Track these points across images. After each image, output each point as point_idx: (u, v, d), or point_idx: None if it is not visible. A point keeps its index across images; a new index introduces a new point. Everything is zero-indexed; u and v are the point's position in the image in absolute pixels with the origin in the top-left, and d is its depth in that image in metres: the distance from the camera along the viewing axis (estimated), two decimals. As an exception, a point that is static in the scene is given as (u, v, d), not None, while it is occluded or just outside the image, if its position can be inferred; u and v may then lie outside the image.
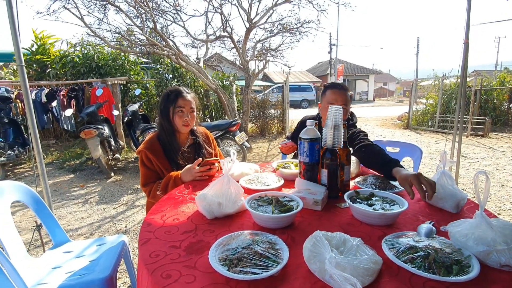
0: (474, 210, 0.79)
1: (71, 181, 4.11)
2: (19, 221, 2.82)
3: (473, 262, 0.67)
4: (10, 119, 4.65)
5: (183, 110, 1.53)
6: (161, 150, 1.53)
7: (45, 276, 1.23)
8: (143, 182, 1.51)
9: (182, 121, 1.53)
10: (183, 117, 1.53)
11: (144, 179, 1.51)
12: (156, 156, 1.50)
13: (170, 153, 1.53)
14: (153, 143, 1.53)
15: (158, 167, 1.50)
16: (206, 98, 7.17)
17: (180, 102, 1.53)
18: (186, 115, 1.54)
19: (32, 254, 2.19)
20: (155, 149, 1.51)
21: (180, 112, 1.53)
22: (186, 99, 1.55)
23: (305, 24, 6.81)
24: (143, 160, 1.51)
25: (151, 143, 1.53)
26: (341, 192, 1.14)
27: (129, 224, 2.70)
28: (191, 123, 1.57)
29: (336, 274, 0.61)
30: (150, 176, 1.50)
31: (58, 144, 6.40)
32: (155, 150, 1.51)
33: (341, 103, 1.55)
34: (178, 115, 1.53)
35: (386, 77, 38.96)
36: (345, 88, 1.62)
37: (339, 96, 1.58)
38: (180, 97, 1.54)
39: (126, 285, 1.84)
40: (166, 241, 0.84)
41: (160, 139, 1.55)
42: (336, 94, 1.58)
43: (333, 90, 1.61)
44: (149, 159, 1.50)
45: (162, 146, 1.54)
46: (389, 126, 9.16)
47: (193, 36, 6.80)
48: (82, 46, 6.83)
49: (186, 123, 1.54)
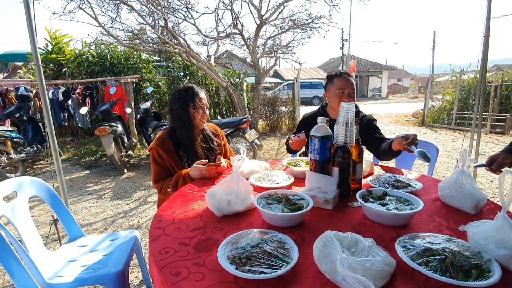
0: (495, 211, 0.75)
1: (86, 177, 4.23)
2: (37, 215, 2.93)
3: (494, 266, 0.64)
4: (29, 117, 4.82)
5: (202, 106, 1.59)
6: (172, 147, 1.55)
7: (61, 269, 1.27)
8: (155, 178, 1.54)
9: (201, 116, 1.59)
10: (203, 113, 1.59)
11: (155, 176, 1.54)
12: (167, 153, 1.53)
13: (186, 146, 1.57)
14: (164, 140, 1.56)
15: (169, 163, 1.53)
16: (216, 96, 7.20)
17: (199, 99, 1.58)
18: (204, 110, 1.60)
19: (50, 248, 2.27)
20: (166, 146, 1.54)
21: (200, 108, 1.58)
22: (203, 96, 1.62)
23: (317, 20, 6.69)
24: (154, 157, 1.54)
25: (162, 140, 1.56)
26: (352, 191, 1.11)
27: (142, 220, 2.75)
28: (207, 118, 1.65)
29: (349, 276, 0.59)
30: (161, 172, 1.53)
31: (74, 141, 6.60)
32: (166, 147, 1.54)
33: (351, 88, 1.63)
34: (199, 111, 1.58)
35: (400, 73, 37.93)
36: (350, 75, 1.70)
37: (348, 82, 1.64)
38: (198, 94, 1.59)
39: (138, 279, 1.88)
40: (176, 238, 0.84)
41: (171, 136, 1.58)
42: (345, 80, 1.65)
43: (341, 77, 1.67)
44: (161, 156, 1.52)
45: (173, 143, 1.56)
46: (403, 124, 8.92)
47: (203, 34, 6.82)
48: (96, 45, 6.98)
49: (203, 118, 1.61)
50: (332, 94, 1.67)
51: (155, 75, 7.31)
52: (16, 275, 1.05)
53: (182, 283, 0.65)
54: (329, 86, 1.70)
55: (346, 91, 1.63)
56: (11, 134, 4.23)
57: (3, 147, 4.09)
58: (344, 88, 1.63)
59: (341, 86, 1.63)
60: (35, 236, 1.30)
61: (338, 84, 1.65)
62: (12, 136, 4.21)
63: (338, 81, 1.65)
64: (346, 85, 1.63)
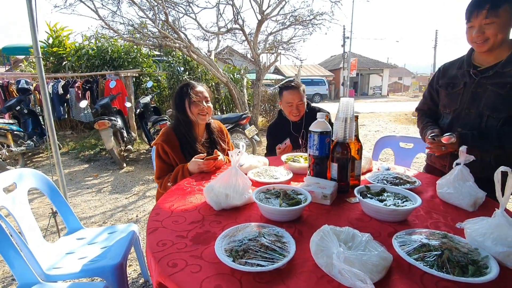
0: (493, 209, 0.75)
1: (85, 170, 4.24)
2: (36, 208, 2.94)
3: (491, 263, 0.64)
4: (29, 110, 4.81)
5: (199, 99, 1.55)
6: (177, 143, 1.53)
7: (59, 261, 1.28)
8: (157, 175, 1.52)
9: (198, 109, 1.54)
10: (199, 106, 1.54)
11: (158, 172, 1.52)
12: (172, 148, 1.50)
13: (187, 145, 1.54)
14: (169, 135, 1.53)
15: (173, 160, 1.51)
16: (216, 91, 7.18)
17: (194, 92, 1.55)
18: (202, 104, 1.55)
19: (49, 240, 2.28)
20: (172, 142, 1.52)
21: (197, 102, 1.54)
22: (200, 89, 1.58)
23: (318, 16, 6.65)
24: (159, 153, 1.51)
25: (168, 135, 1.53)
26: (351, 187, 1.12)
27: (140, 214, 2.76)
28: (208, 112, 1.58)
29: (345, 270, 0.59)
30: (165, 169, 1.51)
31: (74, 134, 6.59)
32: (172, 143, 1.51)
33: (297, 100, 1.78)
34: (194, 104, 1.54)
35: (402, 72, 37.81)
36: (297, 86, 1.81)
37: (294, 95, 1.79)
38: (193, 88, 1.56)
39: (136, 272, 1.89)
40: (174, 231, 0.85)
41: (176, 132, 1.56)
42: (291, 94, 1.79)
43: (287, 91, 1.81)
44: (165, 152, 1.50)
45: (178, 139, 1.54)
46: (403, 122, 8.91)
47: (204, 29, 6.78)
48: (96, 39, 6.94)
49: (202, 112, 1.55)
50: (283, 106, 1.87)
51: (155, 69, 7.28)
52: (15, 266, 1.06)
53: (179, 275, 0.65)
54: (281, 97, 1.87)
55: (294, 103, 1.80)
56: (12, 127, 4.23)
57: (3, 140, 4.08)
58: (291, 102, 1.80)
59: (289, 100, 1.80)
60: (34, 228, 1.30)
61: (286, 98, 1.82)
62: (12, 129, 4.21)
63: (286, 95, 1.81)
64: (293, 99, 1.79)
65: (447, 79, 1.33)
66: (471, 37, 1.17)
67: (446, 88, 1.33)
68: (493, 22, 1.09)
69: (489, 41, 1.13)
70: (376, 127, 7.85)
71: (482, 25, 1.12)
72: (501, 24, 1.10)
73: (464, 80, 1.26)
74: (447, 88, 1.32)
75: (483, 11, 1.10)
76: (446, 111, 1.35)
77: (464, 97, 1.25)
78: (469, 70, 1.24)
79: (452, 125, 1.30)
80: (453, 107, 1.29)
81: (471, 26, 1.16)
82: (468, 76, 1.24)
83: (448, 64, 1.38)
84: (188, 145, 1.54)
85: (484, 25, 1.12)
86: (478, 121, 1.21)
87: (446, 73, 1.36)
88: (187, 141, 1.54)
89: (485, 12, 1.09)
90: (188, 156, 1.52)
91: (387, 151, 4.34)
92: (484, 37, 1.13)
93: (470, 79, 1.23)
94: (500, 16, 1.09)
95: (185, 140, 1.54)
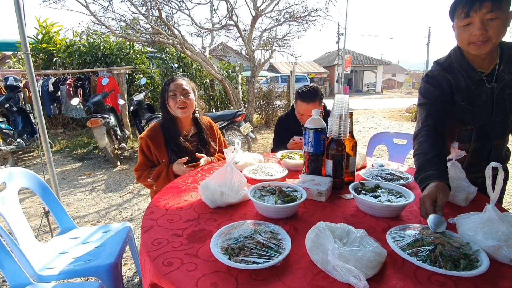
0: (484, 204, 0.77)
1: (78, 169, 4.18)
2: (28, 207, 2.89)
3: (482, 256, 0.65)
4: (18, 107, 4.71)
5: (175, 93, 1.53)
6: (162, 140, 1.54)
7: (52, 261, 1.26)
8: (137, 167, 1.56)
9: (175, 103, 1.52)
10: (176, 99, 1.52)
11: (138, 165, 1.55)
12: (156, 145, 1.52)
13: (170, 140, 1.54)
14: (156, 131, 1.55)
15: (155, 156, 1.53)
16: (211, 88, 7.13)
17: (172, 86, 1.54)
18: (178, 97, 1.52)
19: (41, 240, 2.24)
20: (157, 138, 1.53)
21: (173, 95, 1.52)
22: (178, 83, 1.55)
23: (313, 13, 6.64)
24: (142, 148, 1.54)
25: (154, 131, 1.55)
26: (346, 183, 1.12)
27: (135, 212, 2.74)
28: (188, 106, 1.54)
29: (339, 266, 0.60)
30: (145, 164, 1.54)
31: (65, 133, 6.48)
32: (156, 139, 1.53)
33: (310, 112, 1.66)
34: (171, 98, 1.52)
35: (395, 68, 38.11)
36: (313, 98, 1.66)
37: (308, 107, 1.65)
38: (172, 82, 1.56)
39: (131, 271, 1.88)
40: (169, 229, 0.84)
41: (162, 128, 1.57)
42: (305, 105, 1.67)
43: (302, 102, 1.67)
44: (148, 147, 1.52)
45: (165, 137, 1.55)
46: (397, 118, 9.00)
47: (198, 25, 6.71)
48: (88, 35, 6.81)
49: (180, 105, 1.52)
50: (297, 111, 1.77)
51: (148, 66, 7.19)
52: (6, 267, 1.04)
53: (174, 273, 0.65)
54: (296, 101, 1.75)
55: (305, 115, 1.68)
56: (0, 125, 4.14)
57: (-9, 138, 4.00)
58: (303, 114, 1.70)
59: (301, 111, 1.71)
60: (26, 227, 1.28)
61: (299, 106, 1.71)
62: (1, 127, 4.12)
63: (300, 104, 1.70)
64: (306, 111, 1.67)
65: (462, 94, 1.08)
66: (468, 37, 0.96)
67: (467, 104, 1.08)
68: (497, 17, 0.91)
69: (491, 41, 0.94)
70: (370, 123, 7.92)
71: (485, 20, 0.91)
72: (504, 20, 0.92)
73: (483, 90, 1.05)
74: (468, 103, 1.08)
75: (487, 3, 0.89)
76: (465, 128, 1.13)
77: (489, 108, 1.07)
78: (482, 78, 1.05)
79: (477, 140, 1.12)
80: (479, 121, 1.10)
81: (468, 23, 0.95)
82: (484, 85, 1.05)
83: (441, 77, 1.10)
84: (172, 141, 1.54)
85: (487, 21, 0.92)
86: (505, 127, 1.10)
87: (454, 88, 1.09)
88: (171, 137, 1.54)
89: (489, 5, 0.89)
90: (172, 153, 1.53)
91: (381, 148, 4.38)
92: (487, 36, 0.93)
93: (487, 88, 1.05)
94: (504, 10, 0.91)
95: (169, 136, 1.55)
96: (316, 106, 1.65)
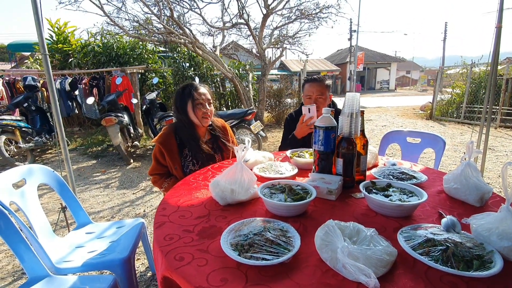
0: (500, 204, 0.74)
1: (93, 166, 4.31)
2: (46, 203, 3.00)
3: (496, 257, 0.64)
4: (37, 106, 4.89)
5: (201, 102, 1.54)
6: (175, 147, 1.54)
7: (69, 254, 1.31)
8: (150, 171, 1.59)
9: (202, 113, 1.54)
10: (203, 109, 1.54)
11: (152, 169, 1.58)
12: (169, 152, 1.52)
13: (191, 145, 1.55)
14: (168, 138, 1.54)
15: (169, 163, 1.54)
16: (222, 87, 7.17)
17: (197, 95, 1.54)
18: (205, 106, 1.55)
19: (58, 234, 2.33)
20: (170, 145, 1.53)
21: (199, 104, 1.53)
22: (201, 91, 1.56)
23: (324, 9, 6.56)
24: (156, 153, 1.55)
25: (167, 137, 1.54)
26: (356, 182, 1.11)
27: (147, 209, 2.80)
28: (210, 115, 1.58)
29: (349, 264, 0.60)
30: (159, 169, 1.57)
31: (81, 131, 6.69)
32: (169, 147, 1.53)
33: (317, 93, 1.73)
34: (198, 108, 1.53)
35: (410, 65, 37.14)
36: (320, 80, 1.75)
37: (315, 88, 1.73)
38: (196, 90, 1.55)
39: (144, 266, 1.93)
40: (180, 225, 0.86)
41: (176, 133, 1.56)
42: (311, 86, 1.74)
43: (309, 83, 1.76)
44: (162, 154, 1.53)
45: (178, 142, 1.55)
46: (411, 117, 8.79)
47: (209, 24, 6.76)
48: (102, 35, 6.97)
49: (206, 115, 1.55)
50: (304, 99, 1.82)
51: (160, 65, 7.30)
52: (25, 259, 1.09)
53: (185, 268, 0.67)
54: (303, 91, 1.82)
55: (313, 96, 1.75)
56: (20, 123, 4.31)
57: (12, 136, 4.17)
58: (310, 94, 1.75)
59: (308, 93, 1.76)
60: (44, 222, 1.34)
61: (306, 90, 1.77)
62: (20, 125, 4.29)
63: (306, 87, 1.77)
64: (312, 91, 1.74)
65: None
66: None
67: None
68: None
69: None
70: (383, 121, 7.77)
71: None
72: None
73: None
74: None
75: None
76: None
77: None
78: None
79: None
80: None
81: None
82: None
83: None
84: (193, 145, 1.55)
85: None
86: None
87: None
88: (191, 141, 1.55)
89: None
90: (184, 159, 1.54)
91: (394, 146, 4.29)
92: None
93: None
94: None
95: (188, 141, 1.55)
96: (323, 88, 1.73)
